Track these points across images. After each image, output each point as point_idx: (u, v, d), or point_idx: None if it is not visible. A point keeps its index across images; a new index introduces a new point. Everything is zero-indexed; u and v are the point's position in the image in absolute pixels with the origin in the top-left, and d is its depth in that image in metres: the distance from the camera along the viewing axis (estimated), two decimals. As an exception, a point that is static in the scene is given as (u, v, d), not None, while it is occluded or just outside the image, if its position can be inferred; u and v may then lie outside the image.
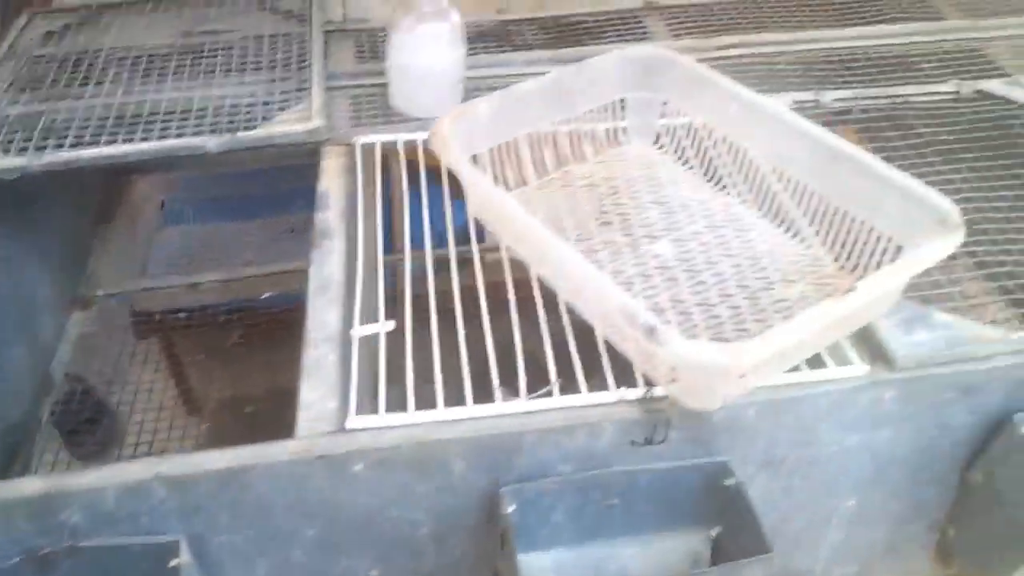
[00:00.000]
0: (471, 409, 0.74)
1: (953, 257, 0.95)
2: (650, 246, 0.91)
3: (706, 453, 0.78)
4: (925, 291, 0.87)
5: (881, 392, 0.79)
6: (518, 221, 0.79)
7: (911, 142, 1.09)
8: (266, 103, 1.07)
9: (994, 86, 1.15)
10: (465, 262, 0.90)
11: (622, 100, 1.02)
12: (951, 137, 1.09)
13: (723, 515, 0.78)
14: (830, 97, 1.12)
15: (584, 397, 0.75)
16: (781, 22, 1.31)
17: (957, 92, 1.14)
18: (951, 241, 0.75)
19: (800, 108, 1.11)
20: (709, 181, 0.99)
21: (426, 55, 1.06)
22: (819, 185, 0.88)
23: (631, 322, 0.68)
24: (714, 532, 0.80)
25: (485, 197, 0.85)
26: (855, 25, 1.30)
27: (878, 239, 0.83)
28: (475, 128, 0.92)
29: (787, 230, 0.92)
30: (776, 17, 1.33)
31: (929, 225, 0.78)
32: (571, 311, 0.82)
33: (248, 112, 1.05)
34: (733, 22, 1.31)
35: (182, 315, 1.30)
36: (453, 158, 0.85)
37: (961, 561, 0.93)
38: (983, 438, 0.85)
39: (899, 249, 0.81)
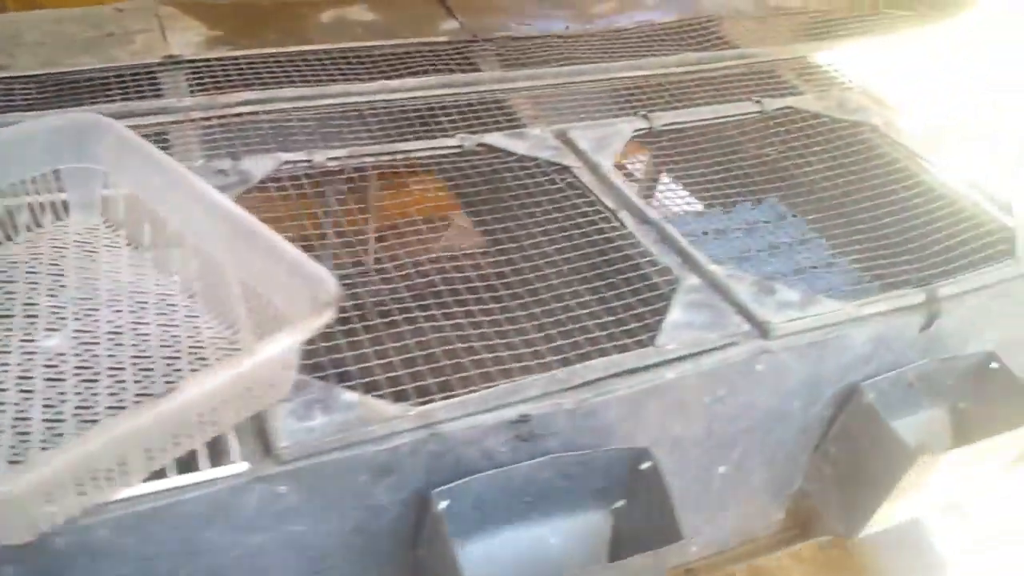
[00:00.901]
0: None
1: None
2: (46, 341, 0.80)
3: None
4: (349, 366, 0.83)
5: (274, 486, 0.73)
6: None
7: (405, 200, 1.07)
8: None
9: (495, 139, 1.15)
10: None
11: (56, 172, 0.91)
12: (455, 192, 1.09)
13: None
14: (323, 156, 1.07)
15: None
16: (308, 76, 1.25)
17: (461, 146, 1.14)
18: (323, 317, 0.71)
19: (293, 167, 1.06)
20: (147, 256, 0.90)
21: None
22: (229, 259, 0.82)
23: None
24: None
25: None
26: (386, 78, 1.27)
27: (276, 315, 0.77)
28: None
29: (216, 307, 0.84)
30: (305, 70, 1.27)
31: (309, 300, 0.73)
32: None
33: None
34: (257, 77, 1.24)
35: None
36: None
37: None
38: (416, 514, 0.82)
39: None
